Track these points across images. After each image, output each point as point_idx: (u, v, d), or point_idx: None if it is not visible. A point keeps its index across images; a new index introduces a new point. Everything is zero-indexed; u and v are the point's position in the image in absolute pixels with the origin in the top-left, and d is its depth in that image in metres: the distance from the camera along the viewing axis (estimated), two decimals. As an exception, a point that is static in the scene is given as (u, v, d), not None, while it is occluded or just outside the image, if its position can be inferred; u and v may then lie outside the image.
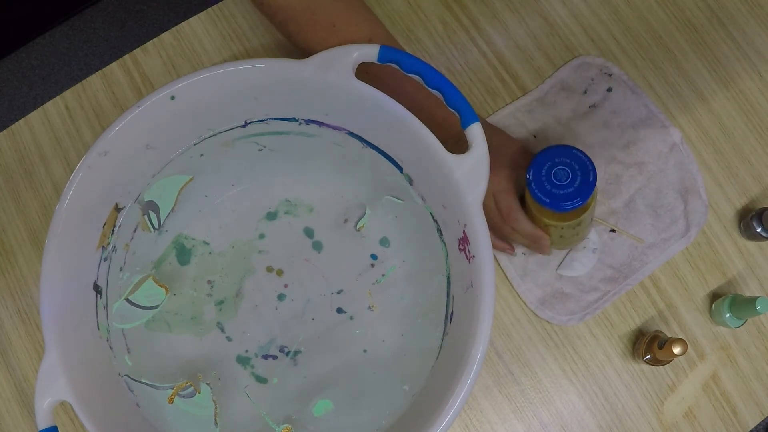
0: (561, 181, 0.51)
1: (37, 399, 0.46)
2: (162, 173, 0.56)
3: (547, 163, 0.52)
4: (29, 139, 0.67)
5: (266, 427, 0.58)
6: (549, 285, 0.64)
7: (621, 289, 0.64)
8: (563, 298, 0.64)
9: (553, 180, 0.51)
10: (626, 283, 0.64)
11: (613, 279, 0.64)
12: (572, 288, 0.64)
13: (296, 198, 0.64)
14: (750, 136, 0.68)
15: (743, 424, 0.63)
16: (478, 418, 0.63)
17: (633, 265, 0.64)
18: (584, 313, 0.64)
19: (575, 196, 0.51)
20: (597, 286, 0.64)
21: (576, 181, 0.51)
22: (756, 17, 0.71)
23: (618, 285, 0.64)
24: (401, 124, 0.50)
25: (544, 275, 0.64)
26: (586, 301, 0.64)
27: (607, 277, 0.64)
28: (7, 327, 0.64)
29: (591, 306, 0.64)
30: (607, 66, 0.69)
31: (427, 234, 0.57)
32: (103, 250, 0.54)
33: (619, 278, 0.64)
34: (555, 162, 0.51)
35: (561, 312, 0.64)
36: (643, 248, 0.65)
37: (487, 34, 0.70)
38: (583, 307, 0.64)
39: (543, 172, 0.51)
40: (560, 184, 0.51)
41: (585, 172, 0.51)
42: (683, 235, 0.65)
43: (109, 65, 0.69)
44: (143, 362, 0.56)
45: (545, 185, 0.51)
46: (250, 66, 0.51)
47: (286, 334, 0.61)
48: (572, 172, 0.51)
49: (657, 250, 0.65)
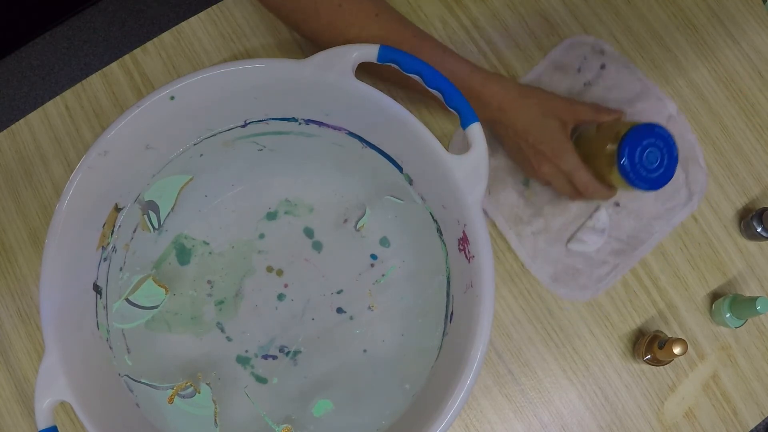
0: (652, 163, 0.56)
1: (37, 399, 0.46)
2: (162, 173, 0.56)
3: (637, 148, 0.55)
4: (29, 139, 0.67)
5: (266, 427, 0.58)
6: (560, 261, 0.65)
7: (631, 261, 0.65)
8: (575, 273, 0.65)
9: (645, 164, 0.56)
10: (635, 254, 0.65)
11: (622, 251, 0.65)
12: (582, 263, 0.65)
13: (296, 198, 0.64)
14: (750, 136, 0.68)
15: (743, 424, 0.63)
16: (478, 418, 0.63)
17: (640, 236, 0.65)
18: (597, 287, 0.64)
19: (667, 174, 0.56)
20: (606, 260, 0.65)
21: (665, 160, 0.56)
22: (756, 17, 0.71)
23: (627, 257, 0.65)
24: (401, 124, 0.50)
25: (554, 252, 0.65)
26: (597, 275, 0.65)
27: (616, 250, 0.65)
28: (7, 327, 0.64)
29: (603, 279, 0.65)
30: (598, 43, 0.69)
31: (427, 234, 0.57)
32: (103, 250, 0.54)
33: (627, 250, 0.65)
34: (644, 145, 0.55)
35: (573, 288, 0.64)
36: (649, 219, 0.66)
37: (487, 34, 0.70)
38: (595, 281, 0.65)
39: (636, 159, 0.55)
40: (652, 167, 0.56)
41: (669, 149, 0.56)
42: (686, 204, 0.66)
43: (109, 65, 0.69)
44: (143, 362, 0.56)
45: (641, 172, 0.56)
46: (250, 66, 0.51)
47: (286, 334, 0.61)
48: (660, 153, 0.56)
49: (662, 221, 0.66)
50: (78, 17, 1.40)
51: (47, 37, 1.39)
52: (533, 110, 0.58)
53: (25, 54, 1.38)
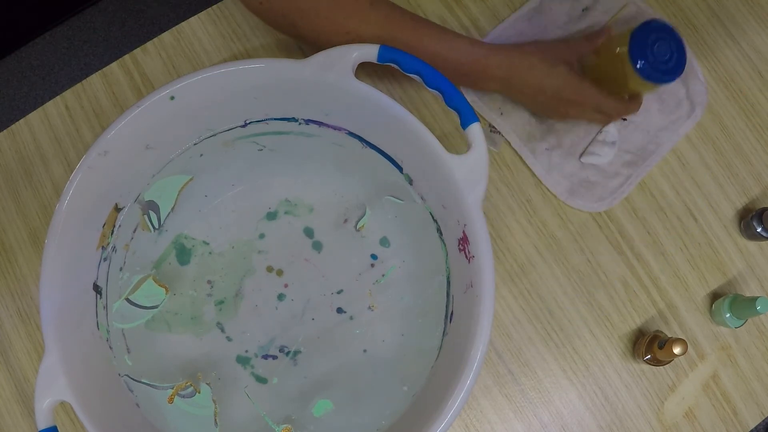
0: (665, 54, 0.57)
1: (37, 399, 0.46)
2: (162, 173, 0.56)
3: (647, 47, 0.57)
4: (29, 139, 0.67)
5: (266, 427, 0.58)
6: (575, 175, 0.67)
7: (642, 171, 0.67)
8: (590, 185, 0.67)
9: (658, 58, 0.57)
10: (645, 164, 0.67)
11: (633, 162, 0.67)
12: (596, 176, 0.67)
13: (296, 198, 0.64)
14: (750, 136, 0.68)
15: (743, 424, 0.63)
16: (478, 418, 0.63)
17: (648, 147, 0.67)
18: (612, 198, 0.67)
19: (681, 58, 0.58)
20: (619, 171, 0.67)
21: (673, 47, 0.57)
22: (756, 17, 0.71)
23: (638, 167, 0.67)
24: (401, 124, 0.50)
25: (569, 166, 0.67)
26: (611, 186, 0.67)
27: (627, 162, 0.67)
28: (7, 327, 0.64)
29: (617, 190, 0.67)
30: None
31: (427, 234, 0.57)
32: (103, 250, 0.54)
33: (638, 161, 0.67)
34: (651, 42, 0.57)
35: (590, 199, 0.66)
36: (656, 131, 0.68)
37: (487, 34, 0.70)
38: (610, 192, 0.67)
39: (650, 58, 0.57)
40: (666, 58, 0.57)
41: (673, 35, 0.58)
42: (689, 115, 0.68)
43: (109, 65, 0.69)
44: (143, 362, 0.56)
45: (659, 66, 0.57)
46: (250, 66, 0.51)
47: (286, 334, 0.61)
48: (667, 42, 0.57)
49: (668, 132, 0.68)
50: (78, 17, 1.40)
51: (47, 37, 1.39)
52: (539, 65, 0.60)
53: (25, 54, 1.38)
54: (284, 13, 0.57)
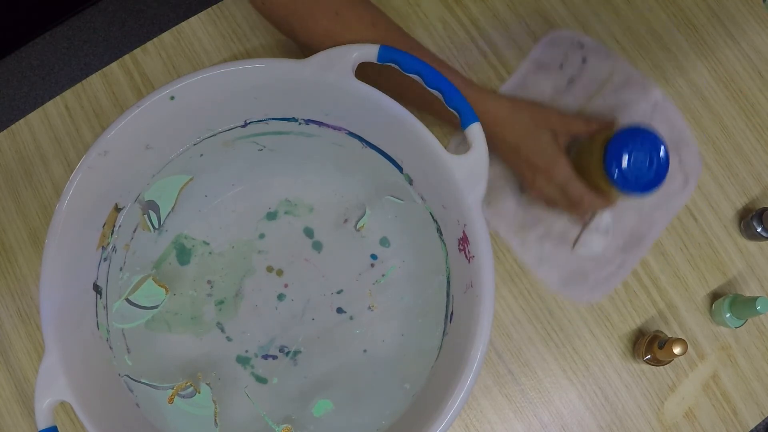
0: (641, 167, 0.53)
1: (36, 399, 0.46)
2: (162, 173, 0.56)
3: (622, 155, 0.53)
4: (29, 139, 0.67)
5: (266, 427, 0.58)
6: (567, 265, 0.65)
7: (637, 255, 0.65)
8: (583, 275, 0.65)
9: (633, 170, 0.53)
10: (640, 248, 0.65)
11: (627, 247, 0.65)
12: (589, 264, 0.65)
13: (296, 198, 0.64)
14: (750, 136, 0.68)
15: (743, 424, 0.63)
16: (478, 418, 0.63)
17: (641, 230, 0.65)
18: (607, 286, 0.64)
19: (659, 174, 0.54)
20: (612, 259, 0.65)
21: (654, 160, 0.54)
22: (756, 17, 0.71)
23: (633, 251, 0.65)
24: (401, 124, 0.50)
25: (560, 257, 0.65)
26: (606, 273, 0.65)
27: (620, 246, 0.65)
28: (7, 327, 0.64)
29: (612, 277, 0.65)
30: (576, 36, 0.69)
31: (427, 234, 0.57)
32: (103, 250, 0.54)
33: (632, 245, 0.65)
34: (628, 151, 0.53)
35: (584, 289, 0.64)
36: (649, 210, 0.65)
37: (487, 34, 0.70)
38: (604, 280, 0.64)
39: (623, 166, 0.53)
40: (641, 172, 0.54)
41: (655, 148, 0.54)
42: (683, 188, 0.66)
43: (109, 65, 0.69)
44: (143, 362, 0.56)
45: (630, 178, 0.54)
46: (250, 66, 0.51)
47: (286, 334, 0.61)
48: (646, 154, 0.53)
49: (661, 210, 0.66)
50: (78, 17, 1.40)
51: (47, 37, 1.39)
52: (525, 123, 0.58)
53: (25, 54, 1.38)
54: (284, 15, 0.57)
